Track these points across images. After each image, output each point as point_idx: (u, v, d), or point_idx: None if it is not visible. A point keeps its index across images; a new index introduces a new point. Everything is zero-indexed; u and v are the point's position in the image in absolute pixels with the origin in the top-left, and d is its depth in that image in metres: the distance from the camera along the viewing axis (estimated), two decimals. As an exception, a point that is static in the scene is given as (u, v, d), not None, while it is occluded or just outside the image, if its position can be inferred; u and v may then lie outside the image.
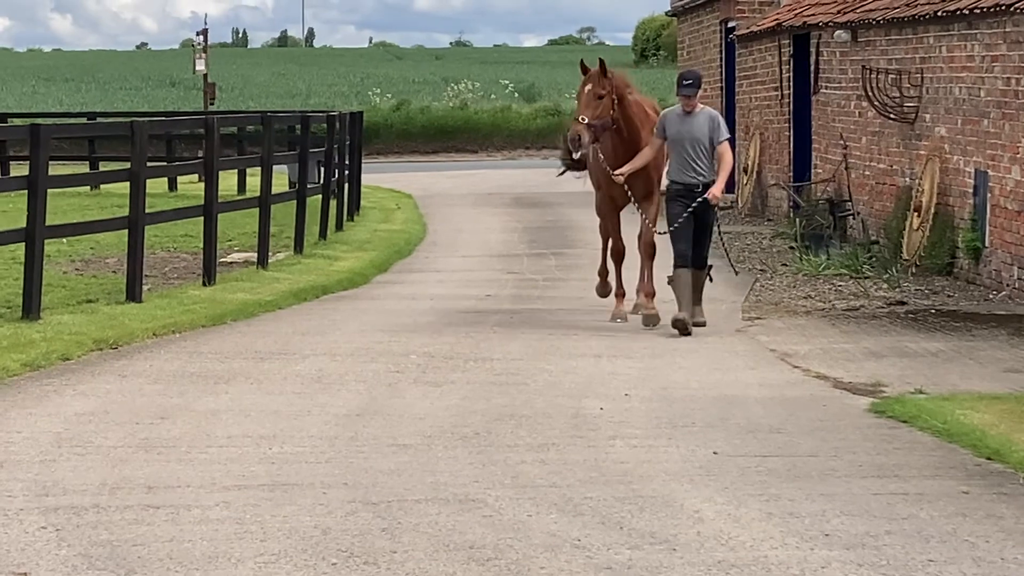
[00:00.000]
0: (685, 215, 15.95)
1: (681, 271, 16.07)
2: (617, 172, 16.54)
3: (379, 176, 42.56)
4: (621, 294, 17.32)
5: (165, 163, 32.29)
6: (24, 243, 16.26)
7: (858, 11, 25.30)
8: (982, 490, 9.83)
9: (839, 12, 26.30)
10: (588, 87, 16.66)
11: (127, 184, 18.67)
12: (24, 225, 16.35)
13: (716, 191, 16.04)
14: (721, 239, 17.79)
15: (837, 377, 14.03)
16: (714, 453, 10.90)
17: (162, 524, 8.83)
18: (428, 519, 9.02)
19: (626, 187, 16.82)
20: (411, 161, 52.82)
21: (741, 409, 12.55)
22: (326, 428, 11.66)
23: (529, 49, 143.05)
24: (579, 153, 16.83)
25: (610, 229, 17.69)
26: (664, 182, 17.01)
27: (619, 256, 17.45)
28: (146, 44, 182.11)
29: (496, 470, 10.33)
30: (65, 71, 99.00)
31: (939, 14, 21.36)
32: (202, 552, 8.29)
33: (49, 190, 16.70)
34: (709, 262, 16.68)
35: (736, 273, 19.70)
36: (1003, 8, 19.27)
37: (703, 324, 16.30)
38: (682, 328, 15.80)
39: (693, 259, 16.09)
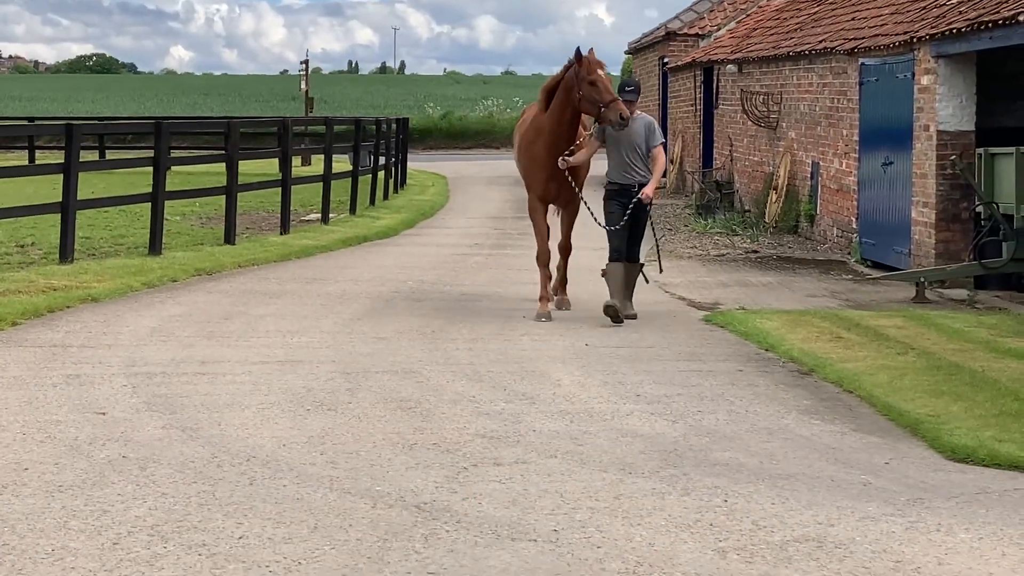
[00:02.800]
0: (624, 220, 12.56)
1: (614, 265, 12.65)
2: (567, 157, 12.60)
3: (426, 164, 42.71)
4: (546, 297, 12.96)
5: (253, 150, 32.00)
6: (151, 203, 16.78)
7: (742, 52, 25.63)
8: (752, 369, 10.26)
9: (731, 52, 26.62)
10: (604, 72, 12.48)
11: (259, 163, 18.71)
12: (150, 191, 16.83)
13: (649, 191, 12.63)
14: (654, 233, 14.01)
15: (692, 299, 14.29)
16: (586, 344, 11.25)
17: (203, 384, 9.31)
18: (380, 383, 9.46)
19: (568, 175, 12.79)
20: (452, 154, 52.75)
21: (618, 317, 12.86)
22: (333, 327, 11.96)
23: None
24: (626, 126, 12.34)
25: (537, 235, 13.27)
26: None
27: (546, 259, 13.13)
28: (287, 71, 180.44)
29: (437, 354, 10.71)
30: (221, 89, 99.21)
31: (790, 54, 21.74)
32: (224, 401, 8.79)
33: (187, 167, 16.83)
34: (642, 260, 13.25)
35: (660, 271, 14.59)
36: (829, 51, 19.67)
37: (634, 317, 12.64)
38: (613, 315, 12.34)
39: (627, 255, 12.73)
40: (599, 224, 12.87)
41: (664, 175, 29.82)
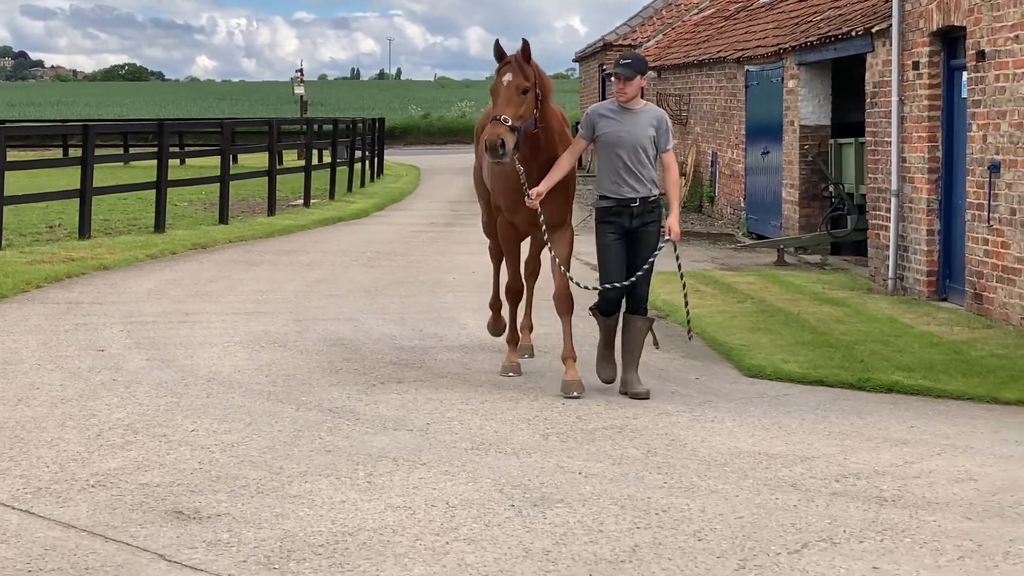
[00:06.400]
0: (630, 280, 8.08)
1: (608, 320, 8.35)
2: (534, 192, 7.95)
3: (404, 157, 43.44)
4: (514, 340, 8.93)
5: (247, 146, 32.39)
6: (155, 190, 17.69)
7: (661, 61, 26.60)
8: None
9: (654, 60, 27.53)
10: (507, 77, 7.94)
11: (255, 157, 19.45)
12: (155, 179, 17.70)
13: (676, 227, 8.19)
14: (680, 272, 8.89)
15: (594, 264, 15.05)
16: (497, 299, 12.23)
17: (184, 330, 10.25)
18: (324, 327, 10.42)
19: (538, 211, 8.08)
20: (429, 149, 53.49)
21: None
22: (297, 287, 12.89)
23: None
24: (501, 163, 7.91)
25: (507, 262, 9.05)
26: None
27: (516, 297, 9.14)
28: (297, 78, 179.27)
29: (375, 306, 11.66)
30: (236, 94, 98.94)
31: (694, 63, 22.74)
32: (198, 341, 9.74)
33: (201, 160, 17.51)
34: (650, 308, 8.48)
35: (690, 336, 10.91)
36: (723, 59, 20.68)
37: (645, 395, 7.85)
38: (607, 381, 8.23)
39: (630, 304, 8.22)
40: (579, 286, 8.51)
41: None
